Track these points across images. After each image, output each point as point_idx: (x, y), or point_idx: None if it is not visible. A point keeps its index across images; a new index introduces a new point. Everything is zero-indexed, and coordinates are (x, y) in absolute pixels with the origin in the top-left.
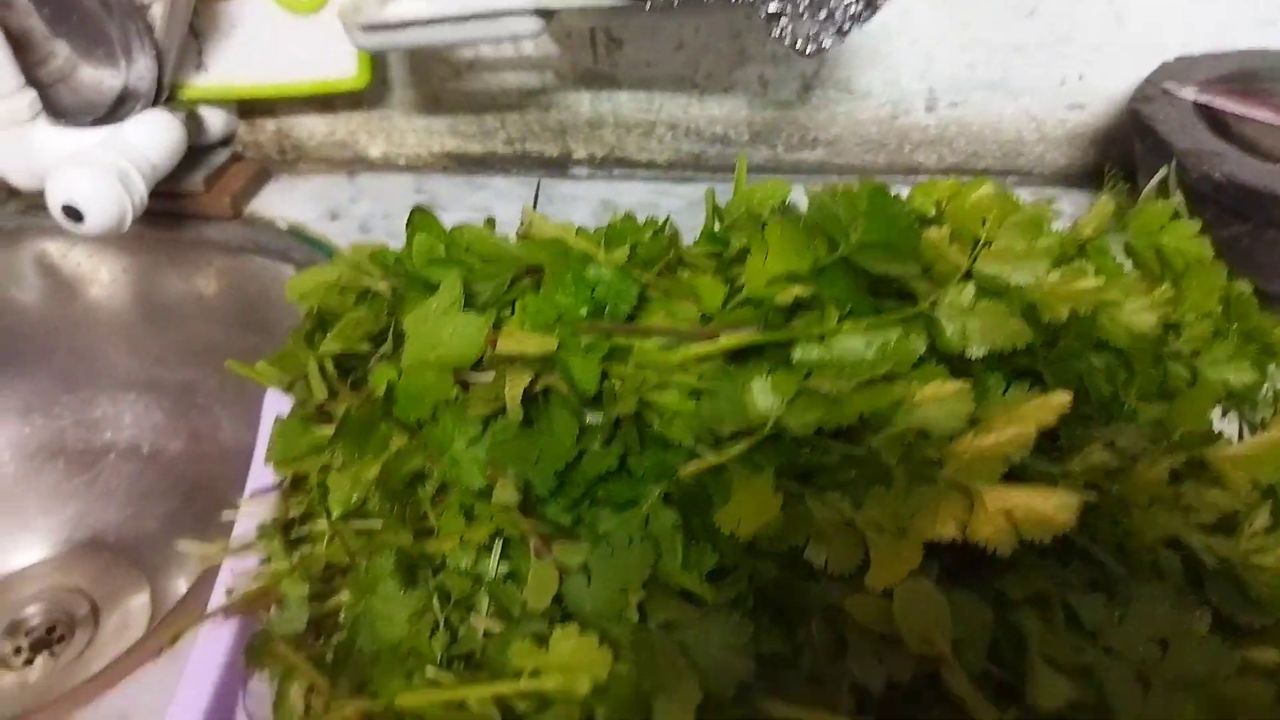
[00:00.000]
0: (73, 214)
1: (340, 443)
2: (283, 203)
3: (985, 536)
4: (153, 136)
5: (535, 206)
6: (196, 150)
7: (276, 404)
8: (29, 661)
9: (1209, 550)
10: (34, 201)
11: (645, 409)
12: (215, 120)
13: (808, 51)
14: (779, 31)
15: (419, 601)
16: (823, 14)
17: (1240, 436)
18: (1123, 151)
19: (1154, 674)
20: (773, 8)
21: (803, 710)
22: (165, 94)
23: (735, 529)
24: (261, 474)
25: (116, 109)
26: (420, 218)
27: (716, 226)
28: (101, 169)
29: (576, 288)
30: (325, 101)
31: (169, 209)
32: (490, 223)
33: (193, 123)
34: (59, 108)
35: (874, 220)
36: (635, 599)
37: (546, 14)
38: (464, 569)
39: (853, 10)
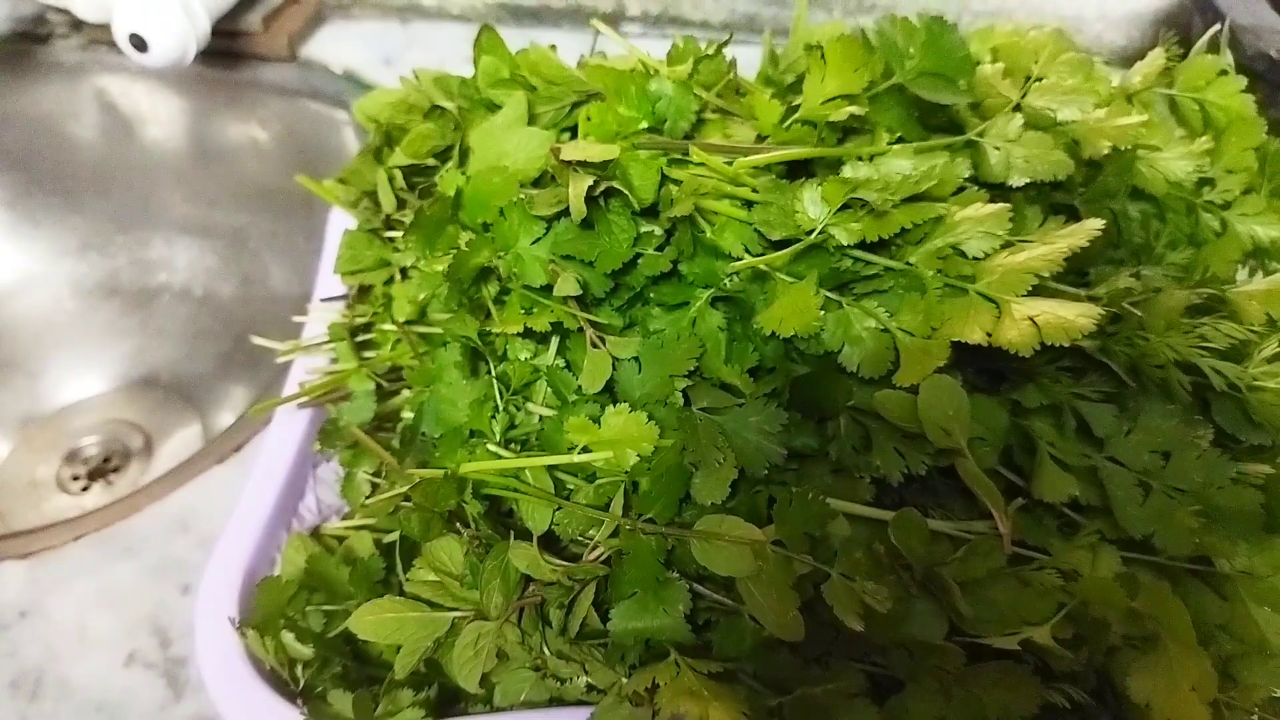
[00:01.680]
0: (138, 43)
1: (413, 238)
2: (337, 46)
3: (1009, 340)
4: None
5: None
6: None
7: (342, 222)
8: (86, 489)
9: (1217, 374)
10: (96, 36)
11: (699, 217)
12: None
13: None
14: None
15: (481, 390)
16: None
17: None
18: (1182, 36)
19: (1155, 480)
20: None
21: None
22: None
23: (777, 329)
24: (327, 285)
25: None
26: (488, 38)
27: (773, 70)
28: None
29: (639, 100)
30: None
31: (227, 48)
32: (553, 49)
33: None
34: None
35: (930, 49)
36: (681, 385)
37: None
38: (524, 360)
39: None
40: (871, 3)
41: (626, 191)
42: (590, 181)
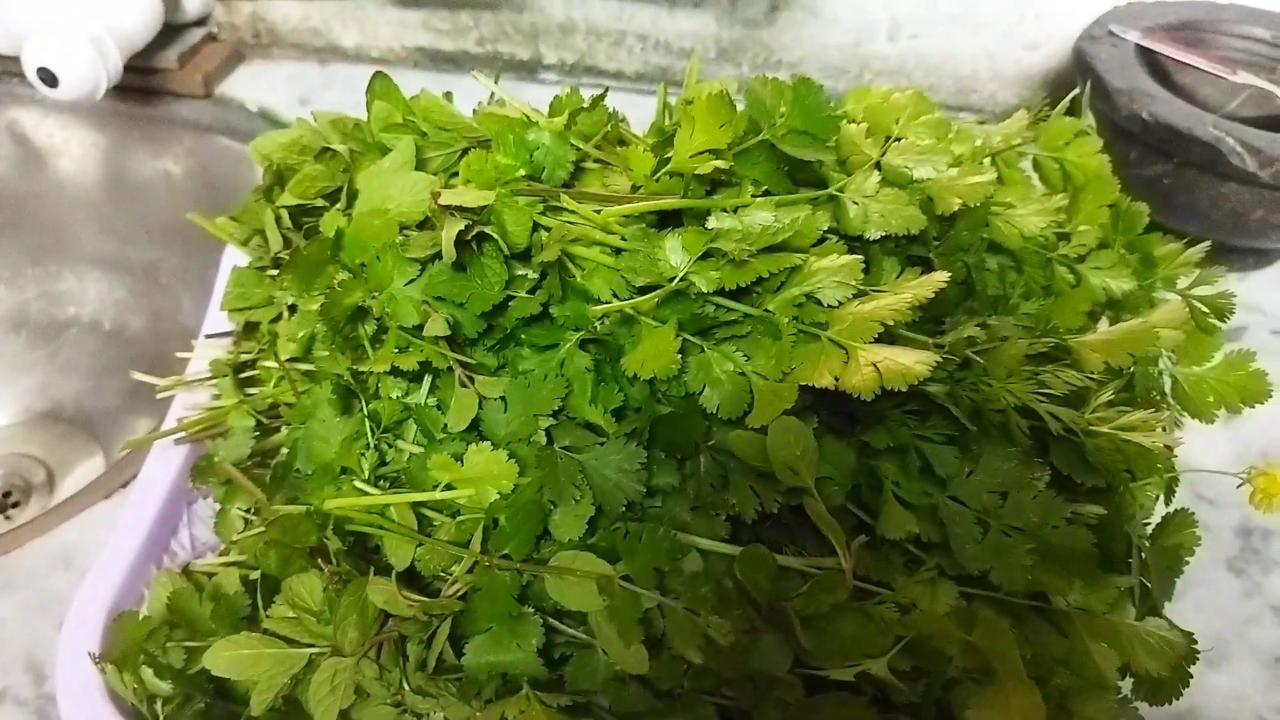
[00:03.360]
0: (47, 78)
1: (290, 277)
2: (254, 86)
3: (853, 385)
4: (130, 6)
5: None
6: (172, 27)
7: (235, 259)
8: None
9: (1053, 418)
10: (7, 69)
11: (570, 263)
12: None
13: None
14: None
15: (353, 427)
16: None
17: None
18: (1061, 97)
19: (993, 519)
20: None
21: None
22: None
23: (639, 370)
24: (217, 321)
25: None
26: (381, 84)
27: (666, 121)
28: (78, 35)
29: (517, 149)
30: None
31: (142, 84)
32: (448, 96)
33: None
34: None
35: (798, 109)
36: (545, 424)
37: None
38: (395, 398)
39: None
40: (779, 59)
41: (498, 237)
42: (463, 225)
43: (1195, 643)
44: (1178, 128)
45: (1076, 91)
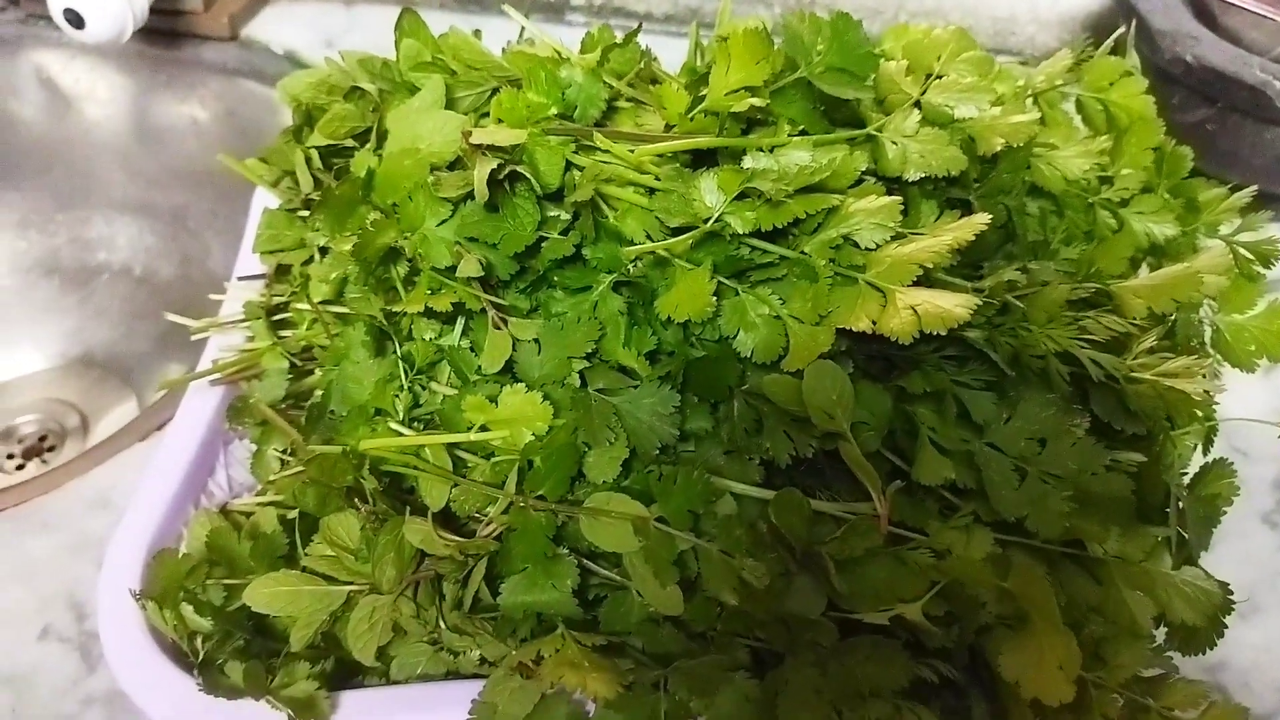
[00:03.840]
0: (74, 19)
1: (321, 218)
2: (279, 28)
3: (892, 328)
4: None
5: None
6: None
7: (264, 201)
8: (21, 467)
9: (1094, 364)
10: (34, 10)
11: (603, 203)
12: None
13: None
14: None
15: (387, 369)
16: None
17: None
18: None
19: (1030, 465)
20: None
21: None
22: None
23: (673, 314)
24: (248, 263)
25: None
26: (409, 21)
27: (699, 61)
28: None
29: (549, 87)
30: None
31: (167, 27)
32: (477, 34)
33: None
34: None
35: (835, 45)
36: (578, 367)
37: None
38: (428, 339)
39: None
40: (812, 0)
41: (531, 176)
42: (495, 165)
43: (1232, 593)
44: (1222, 71)
45: (1121, 31)
